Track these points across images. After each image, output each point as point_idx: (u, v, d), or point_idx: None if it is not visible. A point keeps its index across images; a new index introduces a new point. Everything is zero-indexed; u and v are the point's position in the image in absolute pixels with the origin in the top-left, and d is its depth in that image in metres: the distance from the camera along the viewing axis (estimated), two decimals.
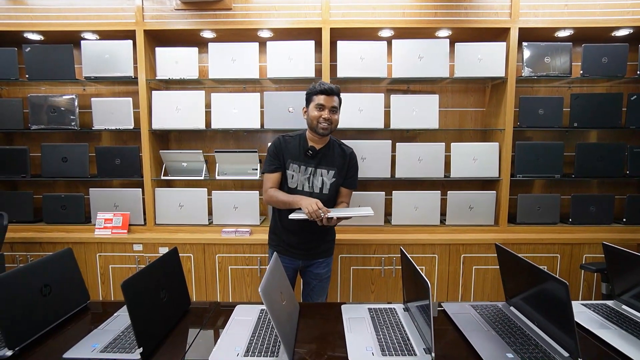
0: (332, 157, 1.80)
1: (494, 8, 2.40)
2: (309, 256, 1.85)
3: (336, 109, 1.74)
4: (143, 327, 1.06)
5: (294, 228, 1.79)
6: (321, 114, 1.69)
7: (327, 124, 1.70)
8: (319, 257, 1.87)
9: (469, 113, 2.80)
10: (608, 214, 2.56)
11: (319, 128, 1.70)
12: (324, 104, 1.69)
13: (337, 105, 1.74)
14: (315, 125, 1.71)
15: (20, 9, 2.44)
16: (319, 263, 1.88)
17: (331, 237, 1.93)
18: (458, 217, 2.54)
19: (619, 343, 1.12)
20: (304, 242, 1.82)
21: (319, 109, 1.70)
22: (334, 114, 1.73)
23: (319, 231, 1.78)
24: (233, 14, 2.43)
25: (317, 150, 1.77)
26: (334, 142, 1.84)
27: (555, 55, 2.46)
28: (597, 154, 2.53)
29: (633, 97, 2.49)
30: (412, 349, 1.09)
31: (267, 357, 1.06)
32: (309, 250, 1.84)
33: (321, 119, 1.69)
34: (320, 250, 1.86)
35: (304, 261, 1.86)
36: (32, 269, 1.19)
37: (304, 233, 1.80)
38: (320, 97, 1.70)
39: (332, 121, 1.71)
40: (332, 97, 1.71)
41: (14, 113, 2.57)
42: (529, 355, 1.05)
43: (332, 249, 1.95)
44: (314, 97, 1.72)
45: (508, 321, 1.27)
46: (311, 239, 1.83)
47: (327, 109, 1.69)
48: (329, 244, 1.92)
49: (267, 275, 1.08)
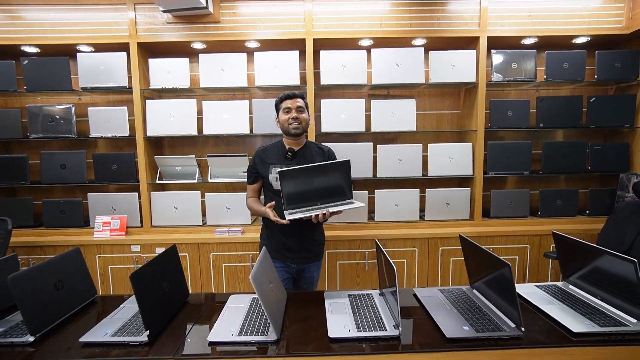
0: (311, 156, 1.90)
1: (464, 18, 2.60)
2: (304, 260, 1.91)
3: (303, 109, 1.85)
4: (149, 312, 1.22)
5: (288, 230, 1.84)
6: (289, 115, 1.82)
7: (297, 123, 1.82)
8: (312, 260, 1.94)
9: (445, 115, 3.00)
10: (573, 206, 2.78)
11: (290, 129, 1.82)
12: (290, 107, 1.83)
13: (303, 105, 1.86)
14: (287, 127, 1.83)
15: (18, 24, 2.56)
16: (311, 267, 1.95)
17: (322, 240, 2.00)
18: (436, 213, 2.74)
19: (559, 315, 1.31)
20: (300, 244, 1.88)
21: (287, 112, 1.83)
22: (302, 112, 1.84)
23: (309, 234, 1.88)
24: (222, 26, 2.58)
25: (296, 151, 1.89)
26: (310, 143, 1.97)
27: (521, 61, 2.67)
28: (561, 152, 2.75)
29: (592, 99, 2.72)
30: (384, 325, 1.26)
31: (258, 335, 1.22)
32: (305, 253, 1.90)
33: (290, 120, 1.82)
34: (313, 253, 1.94)
35: (299, 265, 1.92)
36: (47, 266, 1.34)
37: (300, 236, 1.87)
38: (286, 102, 1.84)
39: (301, 120, 1.83)
40: (295, 99, 1.84)
41: (13, 123, 2.68)
42: (482, 327, 1.24)
43: (322, 253, 2.01)
44: (280, 105, 1.86)
45: (469, 301, 1.46)
46: (304, 242, 1.89)
47: (294, 110, 1.82)
48: (320, 247, 1.99)
49: (256, 265, 1.25)
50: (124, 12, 2.55)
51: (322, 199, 1.79)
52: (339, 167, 1.80)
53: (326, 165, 1.80)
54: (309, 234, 1.90)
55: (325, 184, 1.78)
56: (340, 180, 1.80)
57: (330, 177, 1.79)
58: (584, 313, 1.32)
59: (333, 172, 1.79)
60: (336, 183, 1.80)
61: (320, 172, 1.77)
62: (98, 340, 1.20)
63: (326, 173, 1.78)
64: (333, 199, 1.81)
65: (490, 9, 2.57)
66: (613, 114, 2.72)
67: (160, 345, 1.20)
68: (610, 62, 2.65)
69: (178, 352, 1.16)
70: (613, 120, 2.73)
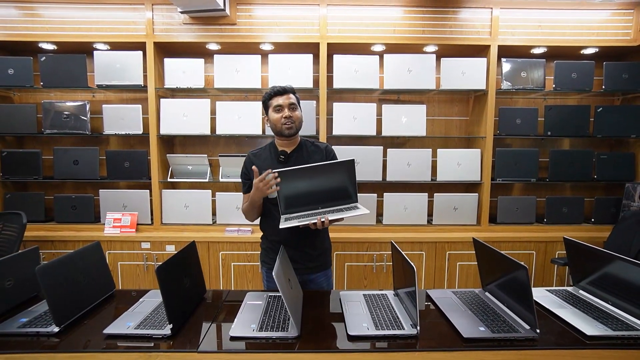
0: (306, 156, 1.71)
1: (475, 27, 2.65)
2: (307, 270, 1.74)
3: (296, 106, 1.66)
4: (172, 305, 1.24)
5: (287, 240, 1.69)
6: (282, 114, 1.63)
7: (290, 123, 1.63)
8: (318, 270, 1.77)
9: (454, 122, 3.05)
10: (578, 214, 2.82)
11: (284, 129, 1.63)
12: (281, 104, 1.63)
13: (296, 102, 1.66)
14: (280, 128, 1.64)
15: (36, 21, 2.60)
16: (318, 277, 1.78)
17: (326, 248, 1.82)
18: (443, 217, 2.77)
19: (571, 319, 1.34)
20: (300, 254, 1.72)
21: (278, 110, 1.63)
22: (295, 110, 1.65)
23: (311, 242, 1.71)
24: (237, 28, 2.63)
25: (289, 153, 1.70)
26: (305, 141, 1.76)
27: (530, 70, 2.72)
28: (568, 160, 2.79)
29: (599, 109, 2.77)
30: (401, 325, 1.29)
31: (278, 331, 1.25)
32: (306, 262, 1.73)
33: (283, 119, 1.62)
34: (318, 263, 1.76)
35: (302, 276, 1.71)
36: (71, 259, 1.36)
37: (299, 245, 1.71)
38: (277, 99, 1.64)
39: (294, 118, 1.64)
40: (287, 95, 1.64)
41: (28, 118, 2.71)
42: (497, 328, 1.26)
43: (330, 261, 1.85)
44: (270, 102, 1.65)
45: (482, 303, 1.48)
46: (304, 251, 1.73)
47: (286, 107, 1.63)
48: (324, 255, 1.80)
49: (277, 263, 1.28)
50: (141, 12, 2.59)
51: (323, 203, 1.62)
52: (342, 167, 1.62)
53: (328, 165, 1.61)
54: (309, 242, 1.71)
55: (327, 185, 1.61)
56: (344, 181, 1.62)
57: (333, 179, 1.61)
58: (596, 317, 1.35)
59: (335, 172, 1.62)
60: (339, 185, 1.63)
61: (321, 173, 1.60)
62: (122, 333, 1.23)
63: (328, 174, 1.61)
64: (336, 203, 1.63)
65: (501, 19, 2.62)
66: (619, 124, 2.76)
67: (182, 339, 1.22)
68: (617, 73, 2.70)
69: (200, 346, 1.18)
70: (619, 130, 2.77)
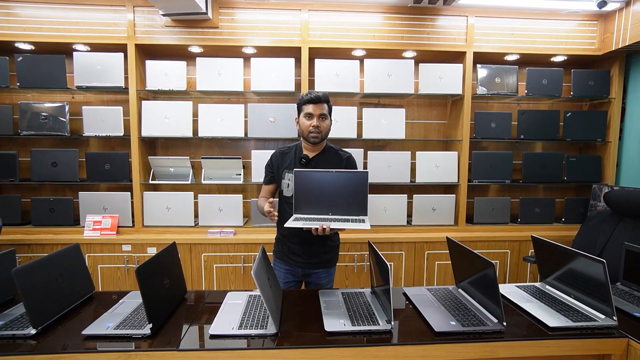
0: (326, 163, 1.79)
1: (452, 34, 2.75)
2: (310, 265, 1.83)
3: (325, 116, 1.75)
4: (152, 305, 1.26)
5: (294, 235, 1.80)
6: (310, 122, 1.72)
7: (317, 132, 1.72)
8: (320, 267, 1.84)
9: (433, 125, 3.14)
10: (550, 214, 2.95)
11: (310, 137, 1.74)
12: (312, 113, 1.72)
13: (327, 112, 1.75)
14: (306, 135, 1.74)
15: (13, 20, 2.56)
16: (319, 273, 1.85)
17: (334, 245, 1.89)
18: (422, 218, 2.85)
19: (536, 312, 1.42)
20: (305, 249, 1.81)
21: (308, 117, 1.73)
22: (324, 120, 1.74)
23: (318, 239, 1.74)
24: (220, 31, 2.65)
25: (311, 158, 1.79)
26: (330, 148, 1.85)
27: (504, 76, 2.83)
28: (540, 162, 2.92)
29: (568, 114, 2.91)
30: (377, 320, 1.34)
31: (257, 329, 1.28)
32: (310, 258, 1.82)
33: (311, 128, 1.72)
34: (321, 260, 1.84)
35: (304, 269, 1.83)
36: (49, 260, 1.36)
37: (305, 241, 1.80)
38: (308, 107, 1.72)
39: (321, 128, 1.73)
40: (320, 105, 1.72)
41: (3, 119, 2.65)
42: (467, 322, 1.33)
43: (335, 260, 1.91)
44: (303, 107, 1.75)
45: (455, 299, 1.55)
46: (311, 247, 1.81)
47: (316, 117, 1.71)
48: (331, 254, 1.87)
49: (256, 262, 1.31)
50: (122, 14, 2.58)
51: (333, 209, 1.69)
52: (356, 177, 1.69)
53: (342, 172, 1.70)
54: (314, 239, 1.72)
55: (339, 193, 1.68)
56: (355, 192, 1.68)
57: (345, 187, 1.68)
58: (559, 310, 1.43)
59: (348, 181, 1.69)
60: (350, 194, 1.69)
61: (335, 179, 1.68)
62: (101, 333, 1.23)
63: (341, 181, 1.68)
64: (346, 212, 1.69)
65: (476, 26, 2.73)
66: (587, 128, 2.91)
67: (162, 338, 1.24)
68: (584, 80, 2.85)
69: (181, 344, 1.20)
70: (587, 134, 2.92)
